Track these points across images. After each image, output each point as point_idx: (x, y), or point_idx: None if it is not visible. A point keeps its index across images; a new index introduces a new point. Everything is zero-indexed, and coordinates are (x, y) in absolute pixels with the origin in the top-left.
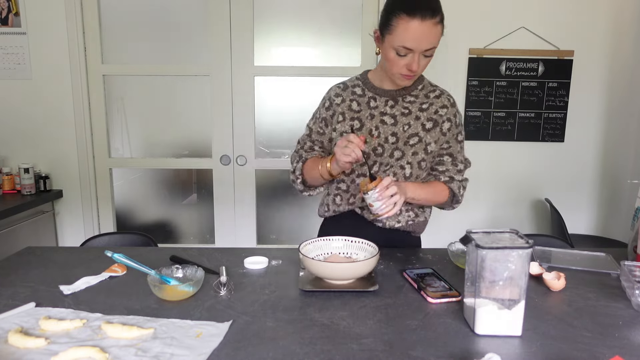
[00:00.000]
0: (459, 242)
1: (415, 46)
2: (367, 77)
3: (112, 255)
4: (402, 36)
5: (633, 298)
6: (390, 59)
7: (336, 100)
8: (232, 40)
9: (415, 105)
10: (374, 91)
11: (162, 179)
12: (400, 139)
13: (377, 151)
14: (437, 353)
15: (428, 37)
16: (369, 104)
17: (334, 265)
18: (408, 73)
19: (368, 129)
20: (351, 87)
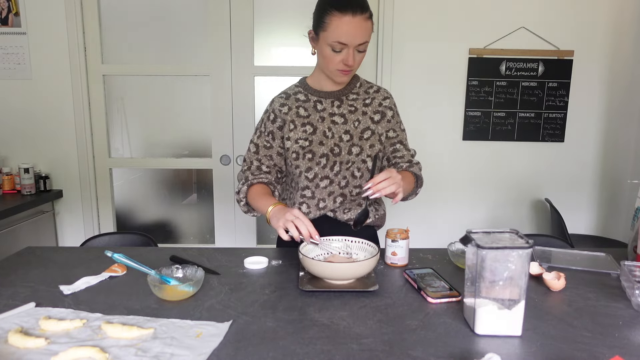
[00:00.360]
0: (459, 242)
1: (349, 40)
2: (306, 83)
3: (112, 255)
4: (336, 32)
5: (633, 298)
6: (327, 56)
7: (283, 109)
8: (232, 40)
9: (359, 101)
10: (317, 95)
11: (162, 179)
12: (354, 135)
13: (334, 151)
14: (437, 353)
15: (360, 32)
16: (316, 107)
17: (334, 265)
18: (344, 68)
19: (321, 131)
20: (293, 94)
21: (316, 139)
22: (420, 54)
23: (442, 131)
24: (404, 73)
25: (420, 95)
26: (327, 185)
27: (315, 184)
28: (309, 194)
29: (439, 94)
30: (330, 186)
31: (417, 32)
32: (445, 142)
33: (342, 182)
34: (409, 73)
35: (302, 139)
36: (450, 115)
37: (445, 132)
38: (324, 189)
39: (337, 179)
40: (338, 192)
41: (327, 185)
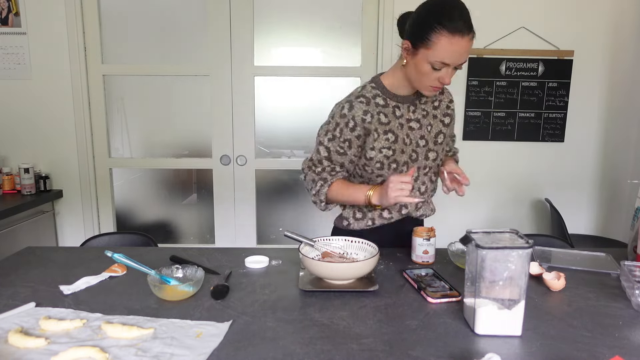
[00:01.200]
0: (459, 242)
1: (453, 62)
2: (383, 85)
3: (112, 255)
4: (443, 52)
5: (633, 298)
6: (424, 72)
7: (366, 118)
8: (232, 40)
9: (428, 105)
10: (395, 99)
11: (162, 179)
12: (429, 140)
13: (412, 157)
14: (437, 353)
15: (466, 52)
16: (395, 113)
17: (334, 265)
18: (439, 85)
19: (401, 138)
20: (372, 98)
21: (398, 148)
22: None
23: None
24: None
25: None
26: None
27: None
28: None
29: None
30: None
31: None
32: None
33: (422, 187)
34: None
35: (385, 148)
36: None
37: None
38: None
39: (416, 185)
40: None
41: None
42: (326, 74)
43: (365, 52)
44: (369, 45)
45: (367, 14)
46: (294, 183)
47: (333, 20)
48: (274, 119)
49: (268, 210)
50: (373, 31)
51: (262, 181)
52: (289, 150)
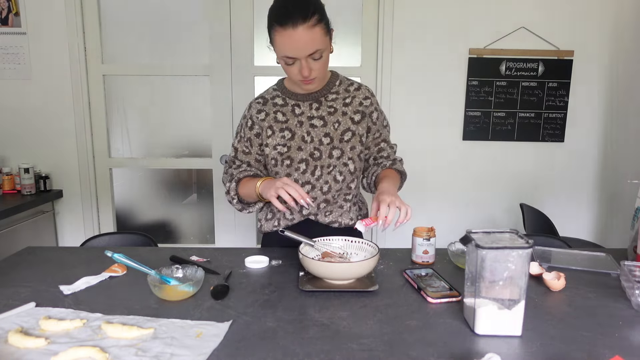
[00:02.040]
0: (459, 242)
1: (296, 54)
2: (284, 86)
3: (112, 255)
4: (281, 47)
5: (633, 298)
6: (284, 68)
7: (259, 116)
8: (232, 40)
9: (338, 101)
10: (295, 98)
11: (162, 179)
12: (334, 138)
13: (314, 155)
14: (437, 353)
15: (306, 42)
16: (294, 111)
17: (334, 265)
18: (303, 78)
19: (300, 136)
20: (271, 99)
21: (294, 145)
22: (420, 54)
23: (442, 131)
24: (404, 73)
25: (420, 95)
26: (309, 191)
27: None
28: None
29: (439, 94)
30: (312, 191)
31: (417, 32)
32: (445, 142)
33: (325, 187)
34: (409, 73)
35: (280, 145)
36: (450, 115)
37: (445, 132)
38: (306, 194)
39: (319, 184)
40: (321, 198)
41: (309, 191)
42: None
43: (365, 52)
44: (369, 45)
45: (367, 14)
46: None
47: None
48: None
49: None
50: (373, 31)
51: None
52: None
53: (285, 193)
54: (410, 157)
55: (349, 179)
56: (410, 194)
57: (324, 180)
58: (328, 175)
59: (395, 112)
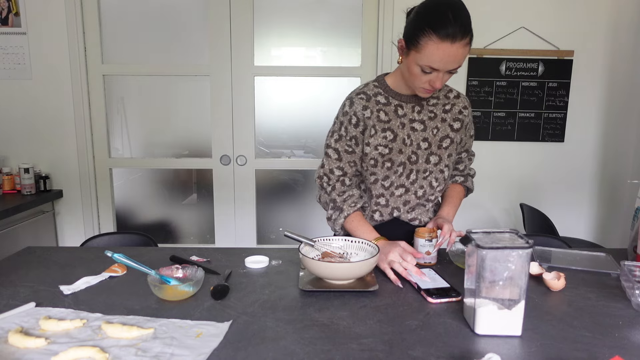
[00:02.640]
0: (459, 242)
1: (442, 67)
2: (386, 84)
3: (112, 255)
4: (430, 57)
5: (633, 298)
6: (414, 74)
7: (365, 113)
8: (232, 40)
9: (438, 107)
10: (398, 98)
11: (162, 179)
12: (432, 143)
13: (411, 159)
14: (437, 353)
15: (456, 59)
16: (397, 112)
17: (334, 265)
18: (430, 88)
19: (401, 138)
20: (373, 96)
21: (396, 147)
22: None
23: None
24: None
25: None
26: (403, 194)
27: (390, 192)
28: (383, 201)
29: None
30: (405, 195)
31: None
32: None
33: (420, 191)
34: None
35: (381, 146)
36: None
37: None
38: (398, 197)
39: (413, 188)
40: (414, 202)
41: (403, 194)
42: (326, 74)
43: (365, 52)
44: (369, 45)
45: (367, 14)
46: (294, 183)
47: (333, 20)
48: (274, 119)
49: (268, 210)
50: (373, 31)
51: (262, 181)
52: (289, 150)
53: (400, 267)
54: None
55: (442, 185)
56: None
57: (419, 184)
58: (424, 180)
59: None
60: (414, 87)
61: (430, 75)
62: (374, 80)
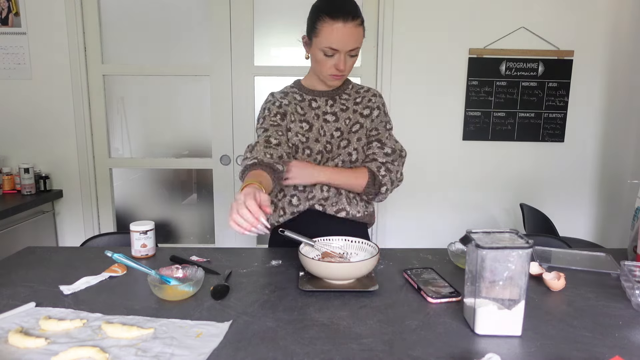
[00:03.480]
0: (459, 242)
1: (340, 46)
2: (301, 84)
3: (112, 255)
4: (328, 38)
5: (633, 298)
6: (319, 60)
7: (284, 101)
8: (232, 40)
9: (350, 101)
10: (312, 94)
11: (162, 179)
12: (344, 131)
13: (327, 148)
14: (437, 353)
15: (351, 38)
16: (311, 105)
17: (333, 265)
18: (336, 72)
19: (317, 128)
20: (291, 93)
21: (312, 136)
22: (420, 54)
23: (442, 131)
24: (404, 73)
25: (420, 95)
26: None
27: None
28: (301, 187)
29: (439, 94)
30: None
31: (417, 32)
32: (445, 142)
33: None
34: (409, 73)
35: (300, 134)
36: (450, 115)
37: (445, 132)
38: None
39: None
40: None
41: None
42: None
43: (365, 52)
44: (368, 45)
45: (367, 13)
46: None
47: None
48: None
49: None
50: (373, 31)
51: None
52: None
53: (239, 217)
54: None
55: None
56: (410, 194)
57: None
58: (331, 162)
59: (395, 112)
60: (324, 76)
61: (333, 59)
62: (291, 84)
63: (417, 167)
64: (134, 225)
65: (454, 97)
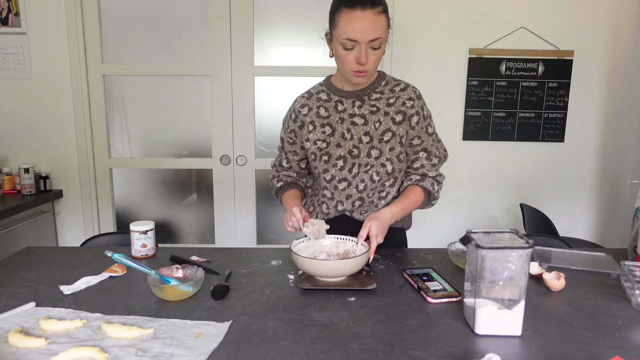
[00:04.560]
0: (459, 242)
1: (359, 37)
2: (330, 82)
3: (112, 255)
4: (345, 28)
5: (633, 298)
6: (340, 56)
7: (302, 110)
8: (232, 40)
9: (382, 101)
10: (339, 94)
11: (162, 179)
12: (374, 137)
13: (353, 153)
14: (437, 353)
15: (371, 26)
16: (337, 107)
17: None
18: (358, 68)
19: (340, 132)
20: (315, 94)
21: (334, 141)
22: (420, 54)
23: (442, 131)
24: (404, 73)
25: None
26: (346, 188)
27: (333, 185)
28: (329, 194)
29: (439, 93)
30: (348, 189)
31: (417, 32)
32: (445, 142)
33: (360, 185)
34: (408, 73)
35: (320, 140)
36: (450, 115)
37: (445, 132)
38: (342, 191)
39: (355, 182)
40: (356, 196)
41: (346, 188)
42: (326, 74)
43: None
44: None
45: None
46: None
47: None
48: (274, 119)
49: (268, 210)
50: None
51: (262, 181)
52: None
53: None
54: None
55: (385, 179)
56: None
57: (360, 178)
58: (365, 174)
59: None
60: (347, 74)
61: (353, 52)
62: (322, 80)
63: None
64: (134, 225)
65: (454, 97)
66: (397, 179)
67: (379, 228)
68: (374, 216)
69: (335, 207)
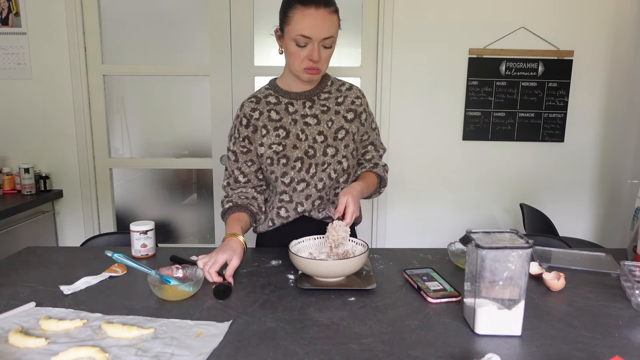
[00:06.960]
0: (459, 242)
1: (313, 34)
2: (276, 85)
3: (112, 255)
4: (299, 24)
5: (633, 298)
6: (292, 52)
7: (254, 115)
8: (232, 40)
9: (331, 100)
10: (288, 96)
11: (162, 179)
12: (328, 136)
13: (308, 153)
14: (437, 353)
15: (324, 25)
16: (288, 109)
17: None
18: (310, 65)
19: (294, 134)
20: (264, 97)
21: (290, 143)
22: (420, 54)
23: (442, 131)
24: (404, 73)
25: (421, 95)
26: (304, 188)
27: (292, 187)
28: (287, 198)
29: (439, 93)
30: (307, 189)
31: (417, 32)
32: (445, 142)
33: (319, 184)
34: (409, 73)
35: (275, 144)
36: (450, 115)
37: (445, 132)
38: (301, 192)
39: (313, 181)
40: (316, 195)
41: (304, 188)
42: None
43: (365, 52)
44: (369, 45)
45: (367, 14)
46: None
47: None
48: None
49: None
50: (373, 31)
51: None
52: None
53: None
54: (410, 157)
55: (340, 175)
56: (410, 193)
57: (319, 177)
58: (323, 172)
59: (395, 112)
60: (298, 71)
61: (306, 49)
62: (266, 84)
63: (417, 167)
64: (134, 225)
65: (454, 97)
66: (350, 175)
67: (355, 203)
68: (347, 191)
69: (295, 209)
